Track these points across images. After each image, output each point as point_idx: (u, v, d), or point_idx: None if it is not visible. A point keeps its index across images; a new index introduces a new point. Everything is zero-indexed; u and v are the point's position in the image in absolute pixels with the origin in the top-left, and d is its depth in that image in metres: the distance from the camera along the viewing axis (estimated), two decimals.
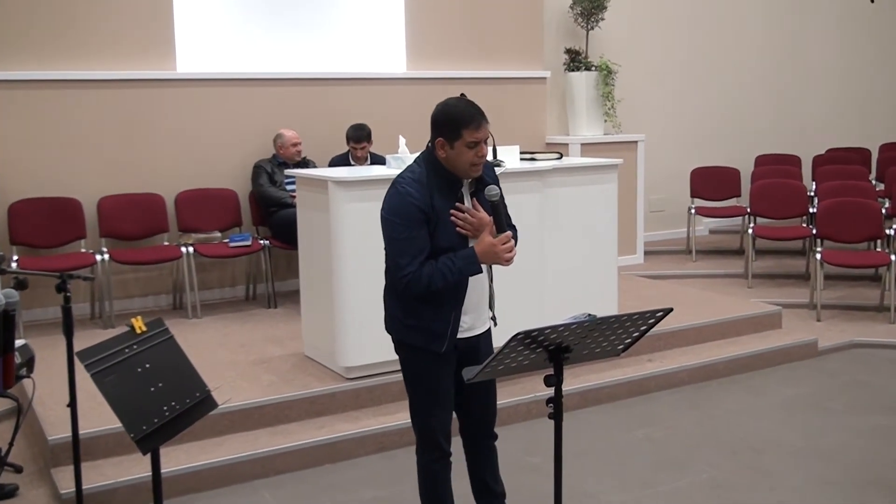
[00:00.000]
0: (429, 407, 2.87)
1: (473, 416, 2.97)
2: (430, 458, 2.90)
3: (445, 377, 2.85)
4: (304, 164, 6.28)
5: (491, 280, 2.89)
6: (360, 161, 6.23)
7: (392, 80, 6.76)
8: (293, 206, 5.71)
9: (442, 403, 2.87)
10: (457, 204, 2.72)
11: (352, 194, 4.24)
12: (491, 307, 2.91)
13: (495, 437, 3.01)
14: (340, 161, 6.22)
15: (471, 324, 2.84)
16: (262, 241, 6.07)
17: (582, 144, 7.23)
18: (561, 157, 5.20)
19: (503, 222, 2.70)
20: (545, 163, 4.95)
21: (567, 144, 7.25)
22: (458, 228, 2.72)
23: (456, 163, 2.71)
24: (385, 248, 2.75)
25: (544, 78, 7.43)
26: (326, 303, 4.44)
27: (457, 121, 2.69)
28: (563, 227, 4.91)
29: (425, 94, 6.74)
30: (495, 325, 2.96)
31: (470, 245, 2.74)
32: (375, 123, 6.37)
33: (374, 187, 4.29)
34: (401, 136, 4.81)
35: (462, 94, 4.89)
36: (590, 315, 2.38)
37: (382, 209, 2.74)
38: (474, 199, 2.78)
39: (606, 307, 5.01)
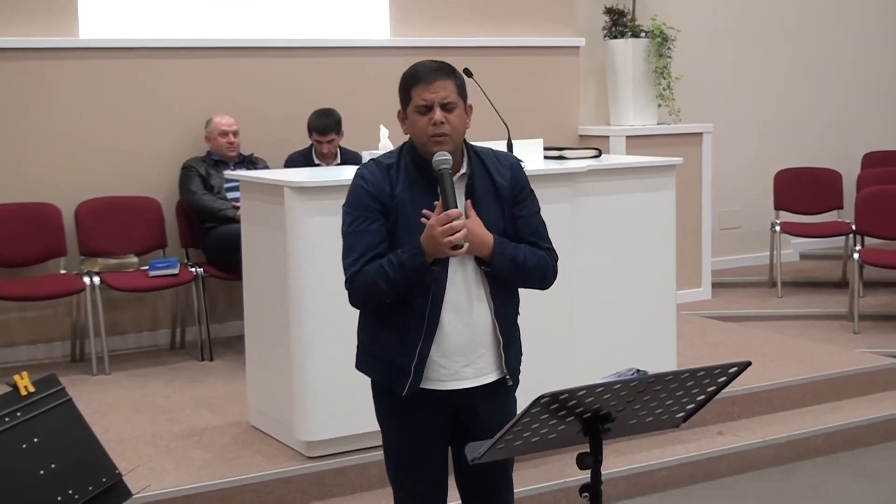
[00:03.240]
0: (401, 482, 2.95)
1: None
2: None
3: (422, 443, 2.89)
4: (252, 163, 6.30)
5: (496, 314, 2.89)
6: (328, 159, 6.24)
7: (371, 49, 6.78)
8: (236, 220, 5.72)
9: (421, 481, 2.90)
10: (435, 203, 2.77)
11: (316, 204, 4.24)
12: (504, 354, 2.91)
13: None
14: (301, 160, 6.24)
15: (455, 370, 2.86)
16: (193, 269, 6.08)
17: (627, 137, 7.26)
18: (599, 155, 5.21)
19: (449, 199, 2.73)
20: (578, 162, 4.97)
21: (607, 138, 7.27)
22: None
23: (414, 138, 2.85)
24: None
25: (577, 47, 7.46)
26: (281, 353, 4.43)
27: (406, 80, 2.85)
28: (602, 249, 4.92)
29: None
30: (510, 381, 2.96)
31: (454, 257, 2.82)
32: (348, 108, 6.39)
33: (346, 195, 4.29)
34: (382, 126, 4.82)
35: (465, 70, 4.94)
36: (638, 371, 2.38)
37: None
38: (468, 201, 2.83)
39: (661, 360, 5.01)
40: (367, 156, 4.63)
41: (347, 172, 4.71)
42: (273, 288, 4.49)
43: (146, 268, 6.02)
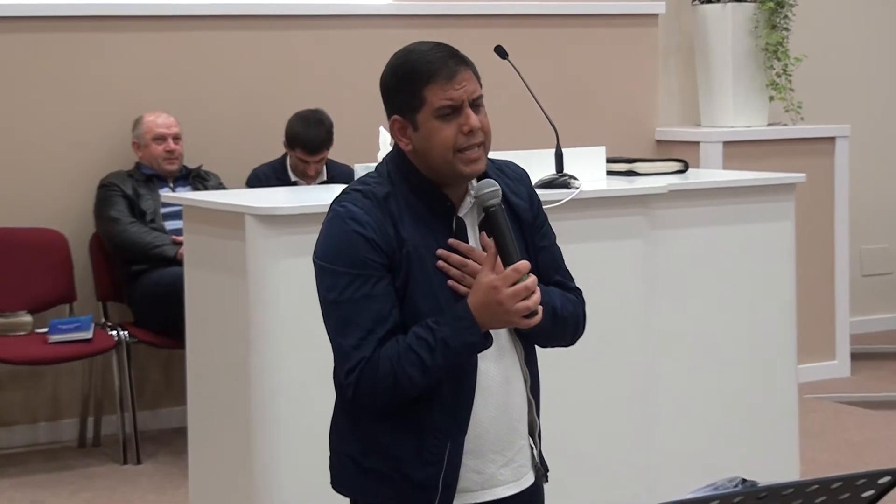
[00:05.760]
0: None
1: None
2: None
3: None
4: (200, 179, 6.33)
5: (531, 388, 2.91)
6: (309, 178, 6.30)
7: (367, 18, 6.83)
8: (178, 261, 5.76)
9: None
10: (450, 241, 2.77)
11: (291, 240, 4.26)
12: (533, 439, 2.95)
13: None
14: (271, 175, 6.27)
15: (491, 474, 2.85)
16: (114, 332, 6.09)
17: (725, 144, 7.27)
18: (686, 170, 5.26)
19: (511, 247, 2.71)
20: (655, 180, 5.02)
21: (697, 144, 7.30)
22: (450, 282, 2.76)
23: (431, 156, 2.76)
24: (325, 325, 2.81)
25: (655, 15, 7.52)
26: (240, 453, 4.44)
27: (412, 74, 2.77)
28: (689, 304, 4.96)
29: None
30: (546, 479, 2.99)
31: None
32: (335, 103, 6.42)
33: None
34: (382, 128, 4.87)
35: (498, 48, 4.99)
36: (744, 481, 2.41)
37: (314, 251, 2.83)
38: (483, 232, 2.80)
39: (777, 464, 5.01)
40: (360, 170, 4.66)
41: (336, 194, 4.76)
42: (229, 359, 4.50)
43: (45, 330, 6.01)
